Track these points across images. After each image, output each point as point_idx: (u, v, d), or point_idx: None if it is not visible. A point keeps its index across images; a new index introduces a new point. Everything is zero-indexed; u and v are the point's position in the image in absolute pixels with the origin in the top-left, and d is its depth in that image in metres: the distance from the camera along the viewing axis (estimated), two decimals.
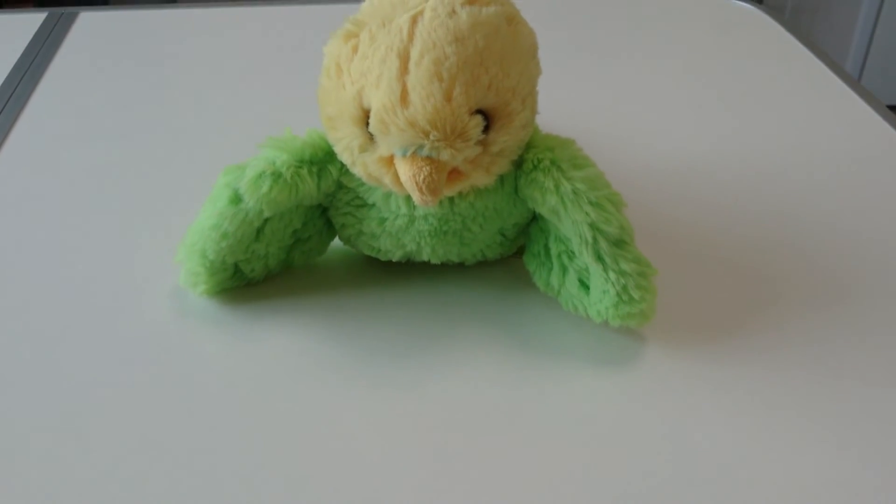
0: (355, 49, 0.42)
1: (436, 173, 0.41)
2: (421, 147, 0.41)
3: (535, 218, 0.50)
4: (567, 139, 0.47)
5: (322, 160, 0.47)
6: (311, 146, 0.47)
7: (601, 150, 0.50)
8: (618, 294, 0.46)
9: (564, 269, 0.49)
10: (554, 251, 0.49)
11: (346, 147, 0.44)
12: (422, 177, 0.41)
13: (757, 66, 0.83)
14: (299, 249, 0.52)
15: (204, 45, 0.85)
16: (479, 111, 0.42)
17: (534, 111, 0.46)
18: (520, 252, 0.53)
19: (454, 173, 0.43)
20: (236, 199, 0.47)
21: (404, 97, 0.40)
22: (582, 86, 0.76)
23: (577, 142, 0.47)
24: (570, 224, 0.46)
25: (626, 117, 0.73)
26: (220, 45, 0.86)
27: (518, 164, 0.47)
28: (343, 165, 0.47)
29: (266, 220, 0.49)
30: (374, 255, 0.51)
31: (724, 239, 0.57)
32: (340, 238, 0.52)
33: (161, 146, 0.67)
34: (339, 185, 0.48)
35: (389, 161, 0.43)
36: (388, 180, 0.44)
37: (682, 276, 0.53)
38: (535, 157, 0.46)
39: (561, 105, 0.54)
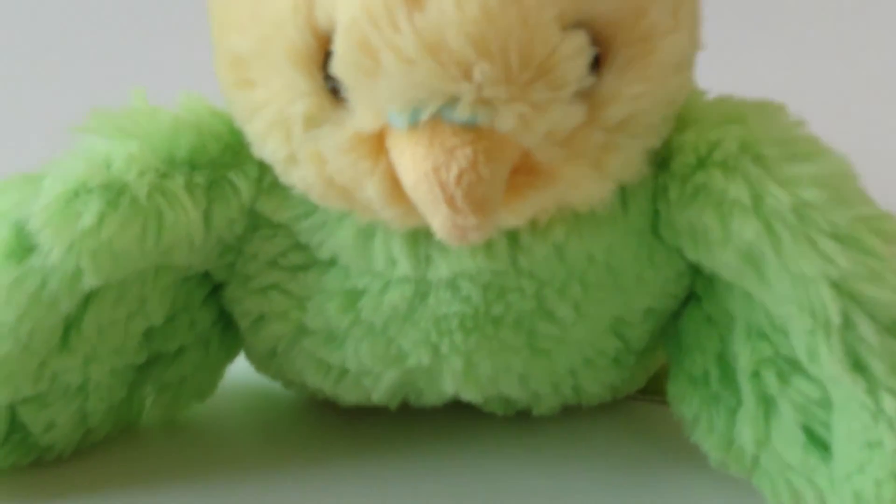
0: None
1: (486, 163, 0.38)
2: (453, 103, 0.38)
3: (692, 298, 0.49)
4: (769, 102, 0.45)
5: (217, 161, 0.46)
6: (194, 129, 0.46)
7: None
8: None
9: (770, 406, 0.46)
10: (745, 364, 0.46)
11: (277, 121, 0.42)
12: (454, 171, 0.38)
13: None
14: (157, 380, 0.51)
15: None
16: (581, 25, 0.40)
17: (695, 39, 0.44)
18: (653, 389, 0.53)
19: (525, 171, 0.41)
20: (21, 247, 0.44)
21: None
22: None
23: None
24: (788, 286, 0.42)
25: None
26: None
27: (662, 159, 0.45)
28: (264, 174, 0.46)
29: (88, 301, 0.46)
30: (330, 389, 0.50)
31: None
32: (250, 355, 0.52)
33: None
34: (255, 222, 0.47)
35: (377, 144, 0.41)
36: (374, 188, 0.41)
37: None
38: (703, 141, 0.44)
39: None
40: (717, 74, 0.49)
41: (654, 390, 0.53)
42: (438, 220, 0.39)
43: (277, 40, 0.41)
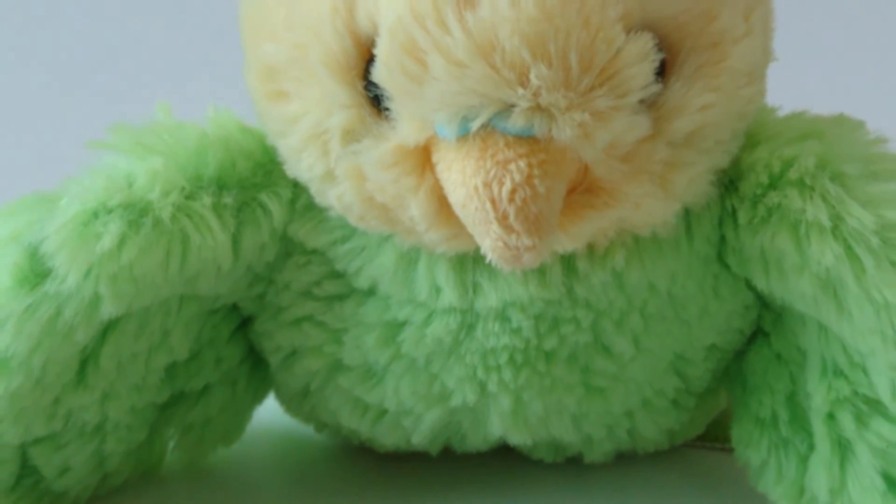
0: None
1: (542, 178, 0.37)
2: (506, 111, 0.37)
3: (759, 333, 0.48)
4: (845, 117, 0.44)
5: (246, 181, 0.45)
6: (222, 146, 0.45)
7: None
8: None
9: (846, 451, 0.44)
10: (820, 404, 0.44)
11: (313, 135, 0.41)
12: (508, 186, 0.36)
13: None
14: (180, 422, 0.50)
15: None
16: (647, 28, 0.38)
17: (767, 48, 0.42)
18: (714, 435, 0.52)
19: (584, 189, 0.40)
20: (34, 272, 0.42)
21: None
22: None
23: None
24: (871, 316, 0.41)
25: None
26: None
27: (730, 180, 0.44)
28: (298, 195, 0.45)
29: (106, 331, 0.45)
30: (367, 431, 0.49)
31: None
32: (281, 396, 0.51)
33: None
34: (287, 248, 0.46)
35: (422, 158, 0.40)
36: (418, 207, 0.40)
37: None
38: (776, 158, 0.42)
39: None
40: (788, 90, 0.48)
41: (714, 437, 0.51)
42: (489, 240, 0.37)
43: (314, 47, 0.40)
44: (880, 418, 0.43)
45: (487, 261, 0.38)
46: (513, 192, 0.37)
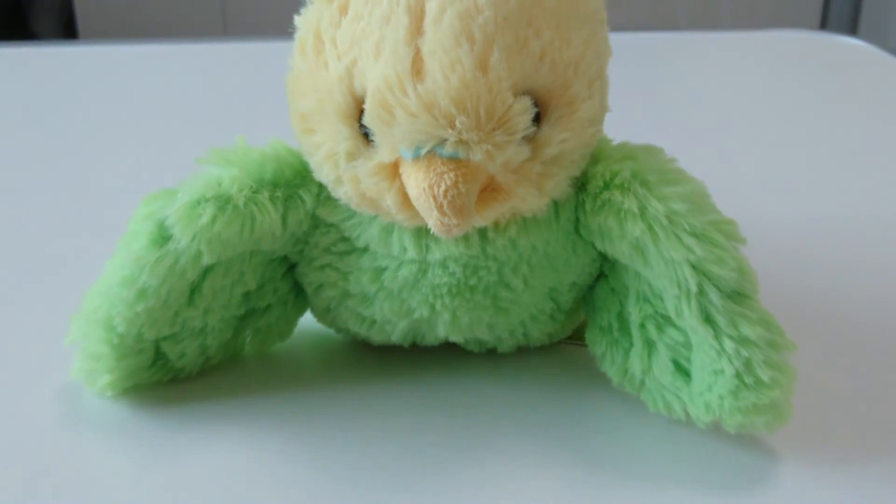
0: (343, 9, 0.40)
1: (464, 183, 0.38)
2: (441, 143, 0.38)
3: (601, 275, 0.47)
4: (651, 146, 0.43)
5: (290, 182, 0.44)
6: (275, 161, 0.44)
7: None
8: (737, 374, 0.41)
9: (651, 346, 0.45)
10: (635, 318, 0.45)
11: (328, 155, 0.41)
12: (442, 187, 0.37)
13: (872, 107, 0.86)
14: (252, 326, 0.49)
15: (111, 85, 0.92)
16: (527, 93, 0.39)
17: (604, 104, 0.42)
18: (576, 336, 0.50)
19: (490, 189, 0.40)
20: (162, 236, 0.43)
21: (418, 67, 0.37)
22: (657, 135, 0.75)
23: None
24: (663, 266, 0.41)
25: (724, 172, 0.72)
26: (132, 86, 0.92)
27: (581, 183, 0.43)
28: (322, 190, 0.44)
29: (206, 272, 0.45)
30: (365, 333, 0.48)
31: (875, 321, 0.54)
32: (314, 311, 0.49)
33: (61, 203, 0.67)
34: (315, 222, 0.45)
35: (393, 170, 0.40)
36: (391, 200, 0.40)
37: (828, 362, 0.49)
38: (607, 171, 0.43)
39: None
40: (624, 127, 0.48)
41: (578, 337, 0.50)
42: (432, 220, 0.38)
43: (329, 102, 0.40)
44: (671, 327, 0.44)
45: (432, 231, 0.39)
46: (446, 191, 0.38)
